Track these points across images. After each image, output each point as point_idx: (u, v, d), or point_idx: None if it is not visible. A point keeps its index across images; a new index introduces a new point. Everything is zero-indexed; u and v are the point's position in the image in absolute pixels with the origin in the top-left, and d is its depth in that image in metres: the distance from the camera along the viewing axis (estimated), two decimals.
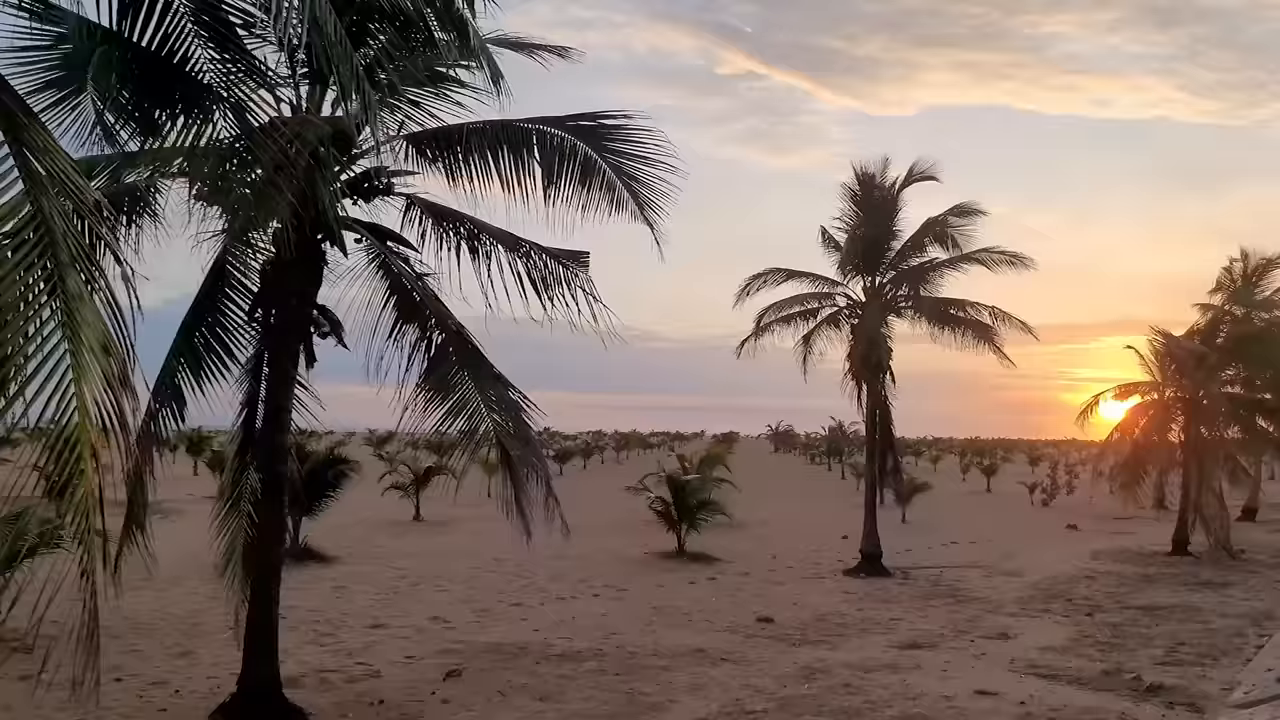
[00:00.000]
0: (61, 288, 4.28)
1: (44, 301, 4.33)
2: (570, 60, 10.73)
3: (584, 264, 10.10)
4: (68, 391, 4.20)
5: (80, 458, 4.13)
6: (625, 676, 11.89)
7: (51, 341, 4.27)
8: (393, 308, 10.06)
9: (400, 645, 13.44)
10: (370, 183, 9.85)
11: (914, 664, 12.88)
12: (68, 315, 4.26)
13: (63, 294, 4.27)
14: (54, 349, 4.25)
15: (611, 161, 9.38)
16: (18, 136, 4.47)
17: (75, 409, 4.18)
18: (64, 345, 4.23)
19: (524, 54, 10.38)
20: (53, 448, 4.20)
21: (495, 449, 9.91)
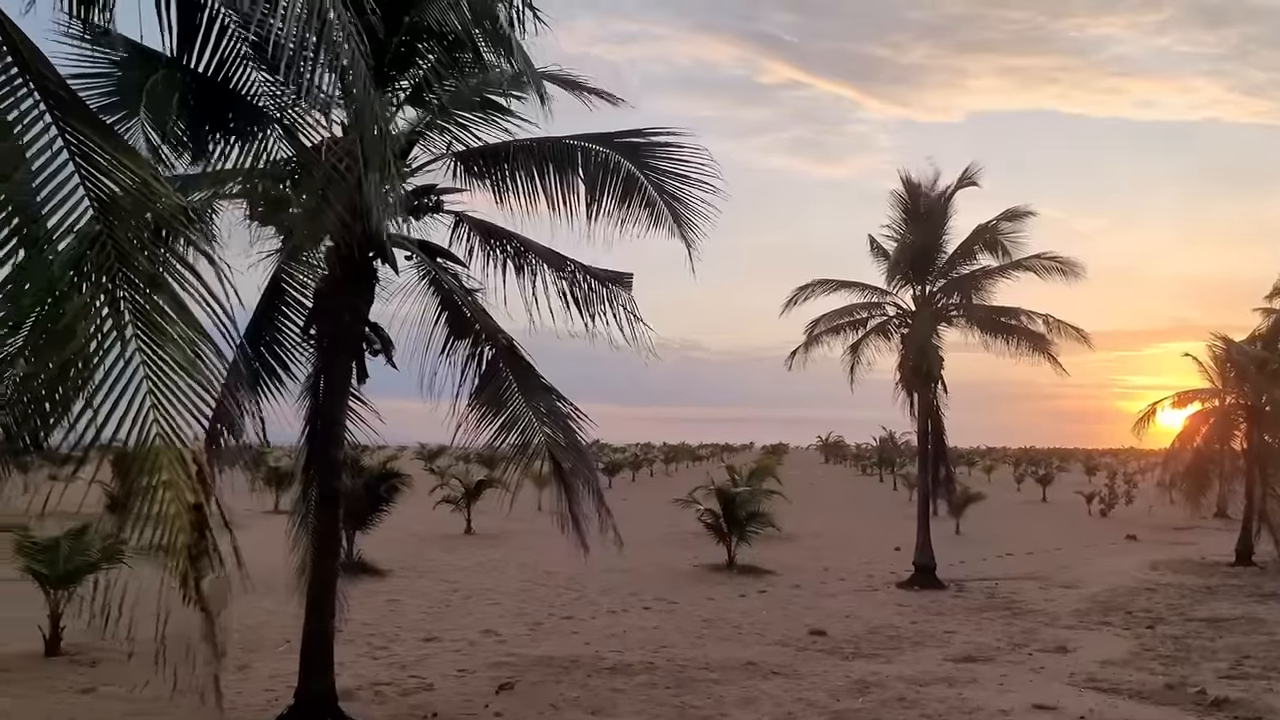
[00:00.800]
0: (133, 296, 4.35)
1: (113, 318, 4.39)
2: (619, 107, 10.77)
3: (626, 285, 10.18)
4: (144, 402, 4.26)
5: (163, 469, 4.18)
6: (676, 690, 11.87)
7: (117, 354, 4.33)
8: (444, 323, 10.20)
9: (453, 658, 13.53)
10: (420, 200, 9.99)
11: (970, 677, 12.71)
12: (144, 322, 4.33)
13: (134, 309, 4.35)
14: (125, 362, 4.31)
15: (653, 179, 9.44)
16: (87, 157, 4.57)
17: (152, 420, 4.23)
18: (137, 358, 4.29)
19: (573, 93, 10.44)
20: (132, 462, 4.25)
21: (547, 462, 9.99)
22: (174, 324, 4.51)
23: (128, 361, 4.36)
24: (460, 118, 10.02)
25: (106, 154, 4.67)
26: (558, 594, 19.46)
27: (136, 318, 4.39)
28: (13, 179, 4.30)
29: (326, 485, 9.79)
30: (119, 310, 4.40)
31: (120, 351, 4.37)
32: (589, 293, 10.08)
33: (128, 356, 4.36)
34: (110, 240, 4.41)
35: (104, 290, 4.41)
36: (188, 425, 4.43)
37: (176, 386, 4.40)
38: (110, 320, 4.43)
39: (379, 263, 9.63)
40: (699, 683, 12.23)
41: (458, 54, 9.15)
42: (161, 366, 4.32)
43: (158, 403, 4.25)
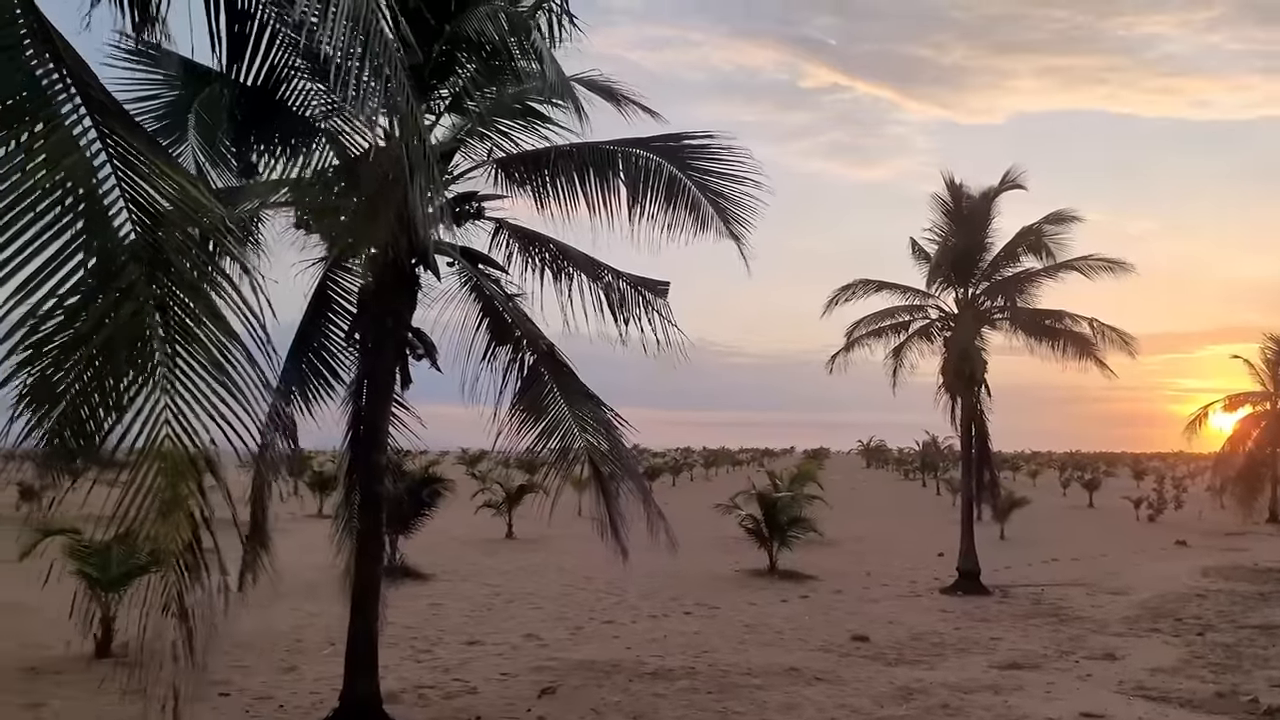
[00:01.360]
0: (178, 304, 4.43)
1: (164, 315, 4.46)
2: (660, 121, 10.78)
3: (662, 292, 10.20)
4: (169, 411, 4.33)
5: (183, 476, 4.25)
6: (718, 695, 11.84)
7: (173, 354, 4.40)
8: (485, 329, 10.27)
9: (495, 662, 13.60)
10: (462, 207, 10.07)
11: (1016, 685, 12.56)
12: (183, 330, 4.41)
13: (179, 309, 4.43)
14: (161, 370, 4.39)
15: (696, 179, 9.45)
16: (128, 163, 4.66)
17: (174, 429, 4.30)
18: (168, 365, 4.37)
19: (614, 104, 10.45)
20: (159, 468, 4.33)
21: (588, 467, 10.03)
22: (205, 328, 4.58)
23: (152, 363, 4.44)
24: (500, 125, 10.11)
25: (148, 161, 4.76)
26: (598, 598, 19.49)
27: (167, 322, 4.47)
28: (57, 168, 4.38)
29: (369, 489, 9.89)
30: (151, 311, 4.47)
31: (145, 352, 4.44)
32: (625, 299, 10.12)
33: (151, 358, 4.44)
34: (148, 245, 4.50)
35: (140, 292, 4.47)
36: (204, 430, 4.50)
37: (198, 390, 4.47)
38: (144, 321, 4.49)
39: (422, 269, 9.73)
40: (741, 688, 12.20)
41: (496, 63, 9.22)
42: (183, 369, 4.40)
43: (172, 404, 4.32)
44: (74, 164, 4.42)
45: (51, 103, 4.48)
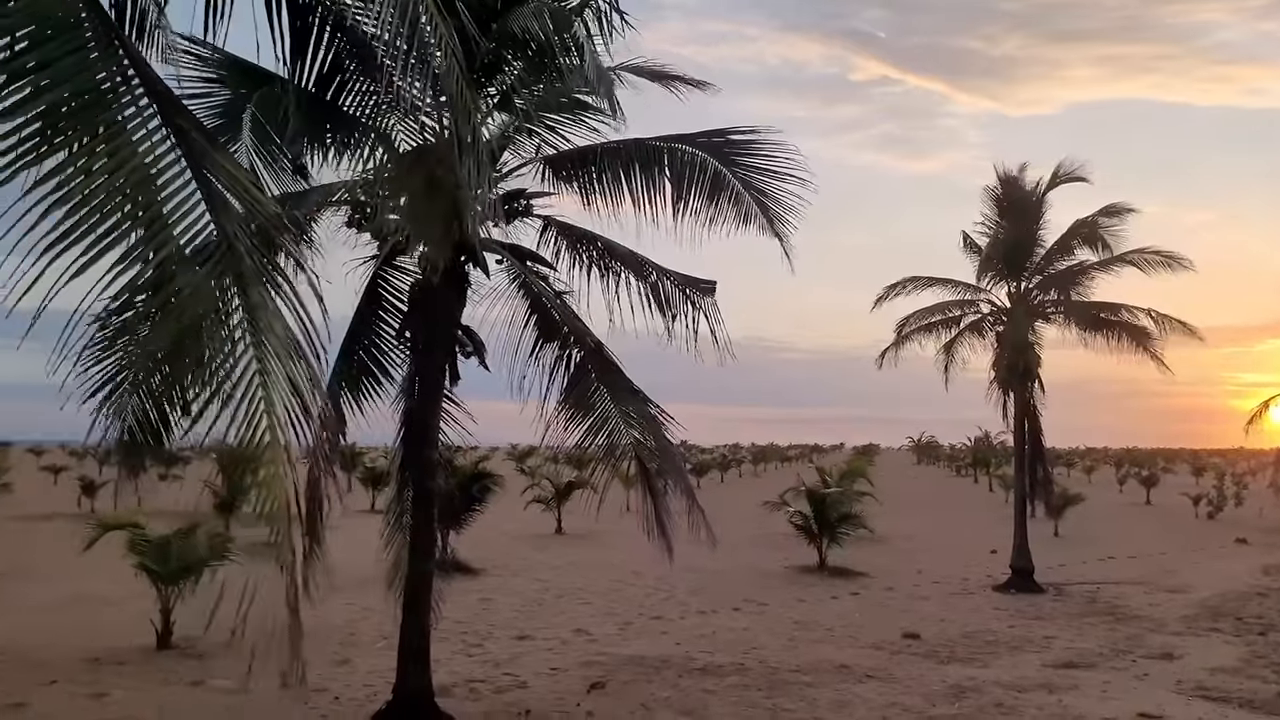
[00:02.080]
0: (244, 299, 4.52)
1: (233, 309, 4.56)
2: (707, 93, 10.80)
3: (708, 291, 10.20)
4: (257, 397, 4.41)
5: (272, 463, 4.32)
6: (768, 692, 11.81)
7: (240, 350, 4.49)
8: (533, 326, 10.34)
9: (545, 657, 13.69)
10: (510, 205, 10.14)
11: (1071, 684, 12.38)
12: (252, 324, 4.50)
13: (246, 305, 4.52)
14: (242, 356, 4.47)
15: (740, 175, 9.43)
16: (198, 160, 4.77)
17: (264, 415, 4.37)
18: (251, 351, 4.45)
19: (661, 84, 10.49)
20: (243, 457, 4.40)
21: (634, 464, 10.07)
22: (279, 320, 4.66)
23: (236, 353, 4.51)
24: (548, 119, 10.17)
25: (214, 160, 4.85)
26: (647, 594, 19.53)
27: (246, 312, 4.54)
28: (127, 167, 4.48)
29: (421, 485, 10.00)
30: (229, 299, 4.55)
31: (229, 340, 4.51)
32: (671, 298, 10.15)
33: (237, 347, 4.51)
34: (221, 233, 4.58)
35: (217, 276, 4.56)
36: (293, 420, 4.56)
37: (281, 381, 4.54)
38: (223, 308, 4.58)
39: (471, 267, 9.82)
40: (791, 685, 12.16)
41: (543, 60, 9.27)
42: (268, 360, 4.47)
43: (267, 395, 4.39)
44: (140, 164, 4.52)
45: (117, 104, 4.59)
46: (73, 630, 14.40)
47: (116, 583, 15.99)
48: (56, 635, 13.98)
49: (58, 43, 4.48)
